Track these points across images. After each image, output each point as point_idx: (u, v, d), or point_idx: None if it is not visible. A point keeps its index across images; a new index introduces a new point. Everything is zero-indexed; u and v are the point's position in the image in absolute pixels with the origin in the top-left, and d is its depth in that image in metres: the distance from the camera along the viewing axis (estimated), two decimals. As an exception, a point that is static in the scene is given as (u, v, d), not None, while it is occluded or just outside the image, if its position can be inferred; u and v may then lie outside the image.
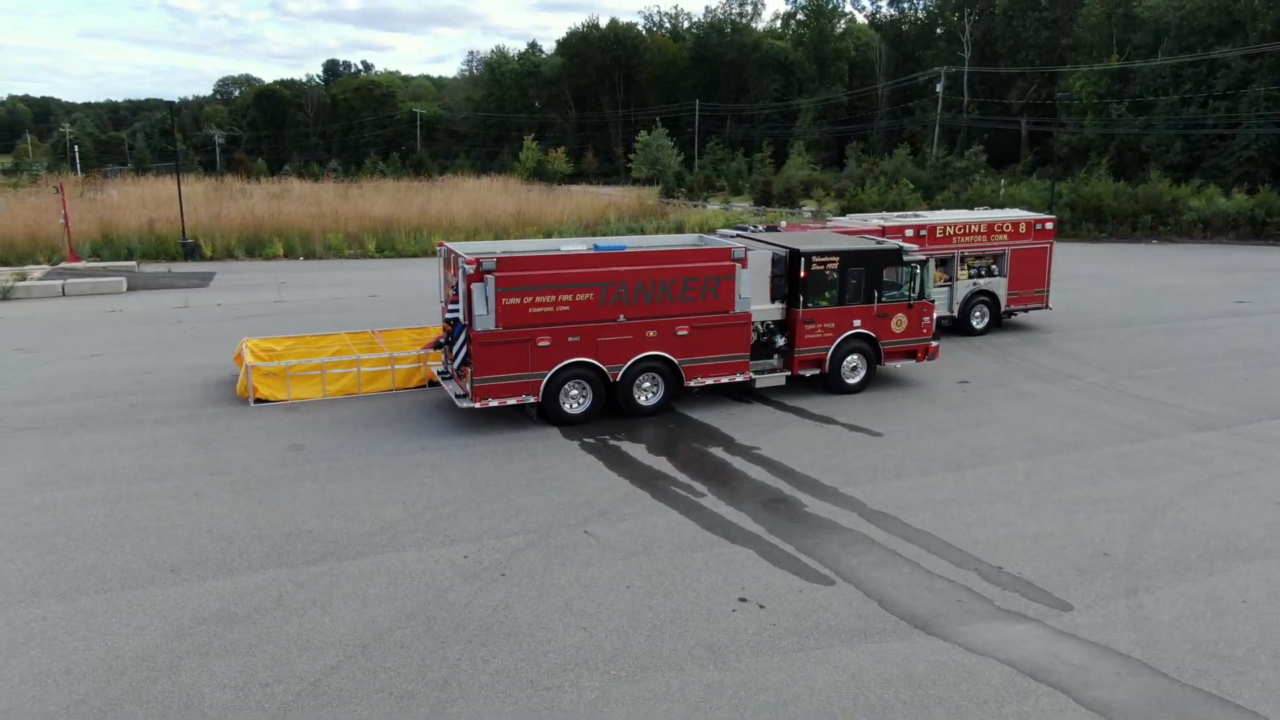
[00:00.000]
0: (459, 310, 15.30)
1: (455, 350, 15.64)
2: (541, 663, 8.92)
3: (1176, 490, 13.24)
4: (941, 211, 28.70)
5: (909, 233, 21.16)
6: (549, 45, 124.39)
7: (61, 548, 11.22)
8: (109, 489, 13.05)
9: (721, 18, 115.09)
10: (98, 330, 23.71)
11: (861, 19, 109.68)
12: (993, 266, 22.98)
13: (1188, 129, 60.76)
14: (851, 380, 17.79)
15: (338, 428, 15.74)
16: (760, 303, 16.91)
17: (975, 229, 22.44)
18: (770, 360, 17.40)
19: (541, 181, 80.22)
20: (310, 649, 9.11)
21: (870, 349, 17.79)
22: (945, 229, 22.09)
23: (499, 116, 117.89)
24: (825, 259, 17.05)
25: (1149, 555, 11.24)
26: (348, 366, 17.55)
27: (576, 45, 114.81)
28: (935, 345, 18.50)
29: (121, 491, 12.96)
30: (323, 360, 17.57)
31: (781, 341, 17.37)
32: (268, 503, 12.61)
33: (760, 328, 17.21)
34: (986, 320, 23.06)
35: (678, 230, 42.33)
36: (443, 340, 16.55)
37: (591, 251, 15.78)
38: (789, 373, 17.39)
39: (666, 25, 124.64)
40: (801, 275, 16.89)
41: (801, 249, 17.00)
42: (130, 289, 30.18)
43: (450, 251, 15.94)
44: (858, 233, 20.36)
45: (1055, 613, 9.91)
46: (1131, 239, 45.65)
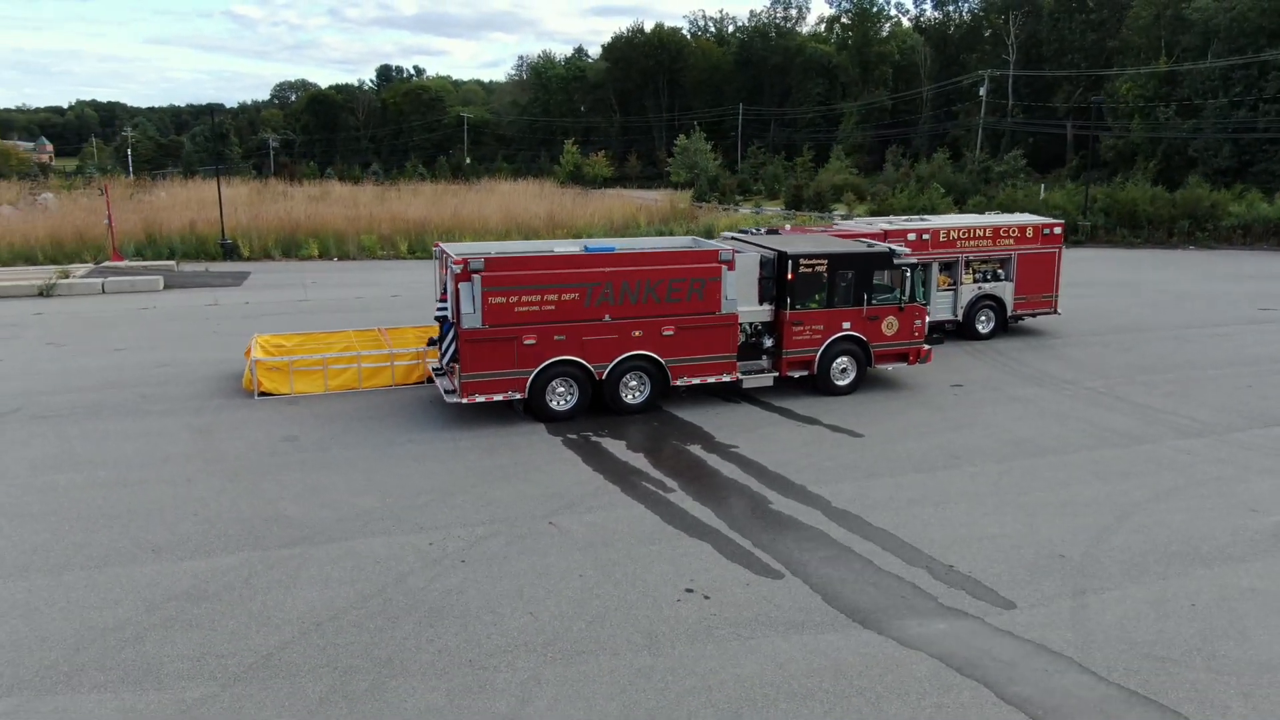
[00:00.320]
0: (448, 309, 15.82)
1: (445, 347, 16.20)
2: (483, 644, 9.30)
3: (1147, 495, 13.13)
4: (949, 215, 28.56)
5: (911, 236, 21.24)
6: (598, 50, 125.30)
7: (55, 527, 11.91)
8: (109, 474, 13.76)
9: (766, 21, 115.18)
10: (127, 326, 24.73)
11: (906, 22, 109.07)
12: (999, 271, 22.88)
13: (1237, 133, 59.39)
14: (841, 382, 17.92)
15: (332, 420, 16.34)
16: (748, 304, 17.14)
17: (980, 233, 22.40)
18: (759, 361, 17.63)
19: (578, 185, 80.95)
20: (269, 625, 9.62)
21: (860, 351, 17.92)
22: (950, 233, 22.11)
23: (544, 120, 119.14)
24: (812, 261, 17.23)
25: (1105, 558, 11.22)
26: (349, 362, 18.18)
27: (621, 50, 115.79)
28: (928, 349, 18.55)
29: (120, 476, 13.66)
30: (325, 356, 18.22)
31: (770, 343, 17.58)
32: (253, 489, 13.21)
33: (748, 329, 17.45)
34: (992, 325, 22.97)
35: (707, 233, 42.49)
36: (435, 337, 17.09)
37: (581, 253, 16.19)
38: (777, 374, 17.60)
39: (711, 29, 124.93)
40: (789, 278, 17.09)
41: (788, 251, 17.21)
42: (167, 287, 31.32)
43: (444, 252, 16.46)
44: (859, 236, 20.46)
45: (998, 610, 9.99)
46: (1168, 245, 44.68)
